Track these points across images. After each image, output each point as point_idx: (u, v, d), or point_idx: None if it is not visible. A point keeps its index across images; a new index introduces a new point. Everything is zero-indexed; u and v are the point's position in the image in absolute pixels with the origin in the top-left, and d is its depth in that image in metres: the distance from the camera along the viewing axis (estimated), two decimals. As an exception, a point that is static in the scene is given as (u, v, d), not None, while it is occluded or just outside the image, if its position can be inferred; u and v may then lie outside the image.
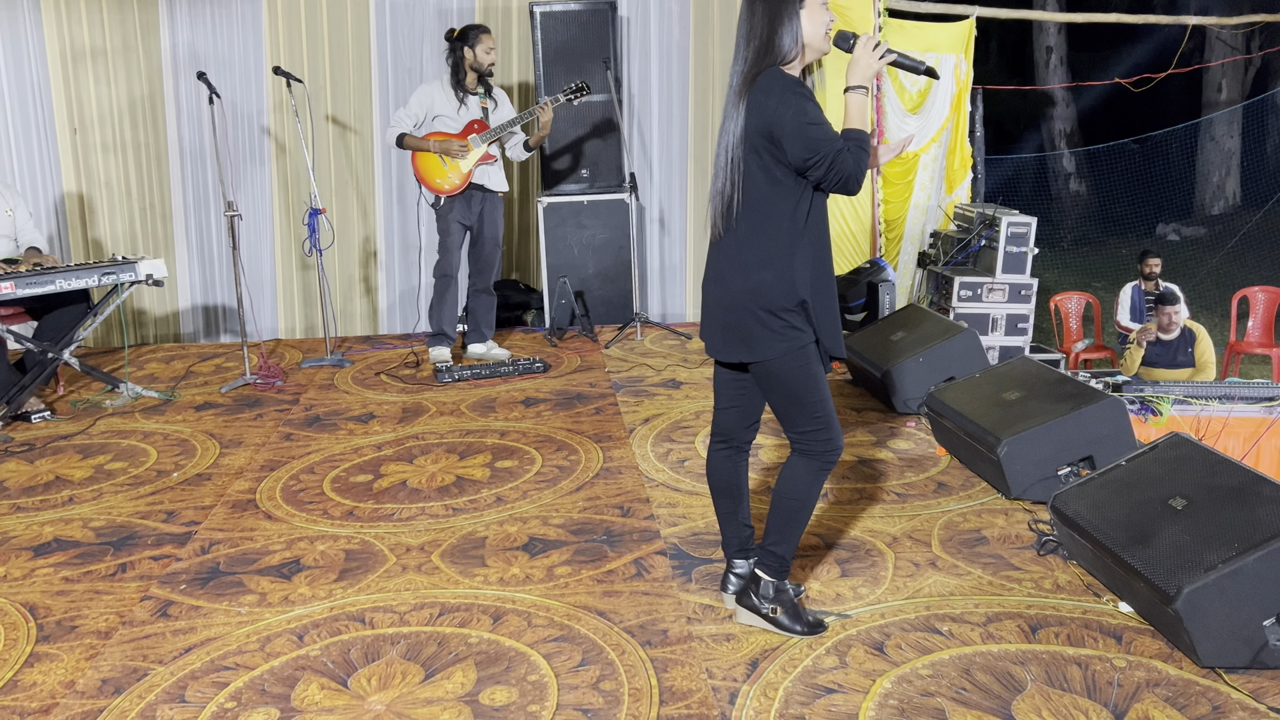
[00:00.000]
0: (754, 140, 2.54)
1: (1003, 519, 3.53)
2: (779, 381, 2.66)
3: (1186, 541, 2.68)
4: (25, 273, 4.81)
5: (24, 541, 3.56)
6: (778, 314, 2.59)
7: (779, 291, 2.58)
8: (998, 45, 17.68)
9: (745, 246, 2.60)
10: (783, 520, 2.73)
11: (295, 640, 2.83)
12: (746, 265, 2.60)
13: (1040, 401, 3.78)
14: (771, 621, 2.78)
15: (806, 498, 2.72)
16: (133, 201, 6.88)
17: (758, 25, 2.55)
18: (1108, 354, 8.18)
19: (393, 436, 4.58)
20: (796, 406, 2.67)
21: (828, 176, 2.51)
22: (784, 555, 2.76)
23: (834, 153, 2.49)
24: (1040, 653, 2.66)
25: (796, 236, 2.59)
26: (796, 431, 2.71)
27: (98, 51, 6.70)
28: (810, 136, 2.48)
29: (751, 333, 2.61)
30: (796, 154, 2.50)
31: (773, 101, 2.50)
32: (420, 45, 6.79)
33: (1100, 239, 13.80)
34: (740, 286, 2.61)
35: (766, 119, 2.51)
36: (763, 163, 2.55)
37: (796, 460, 2.72)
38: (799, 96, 2.50)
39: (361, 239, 7.00)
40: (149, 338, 6.98)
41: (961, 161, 7.45)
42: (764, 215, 2.58)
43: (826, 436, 2.68)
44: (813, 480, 2.71)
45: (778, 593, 2.78)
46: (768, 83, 2.53)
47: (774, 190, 2.56)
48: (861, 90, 2.60)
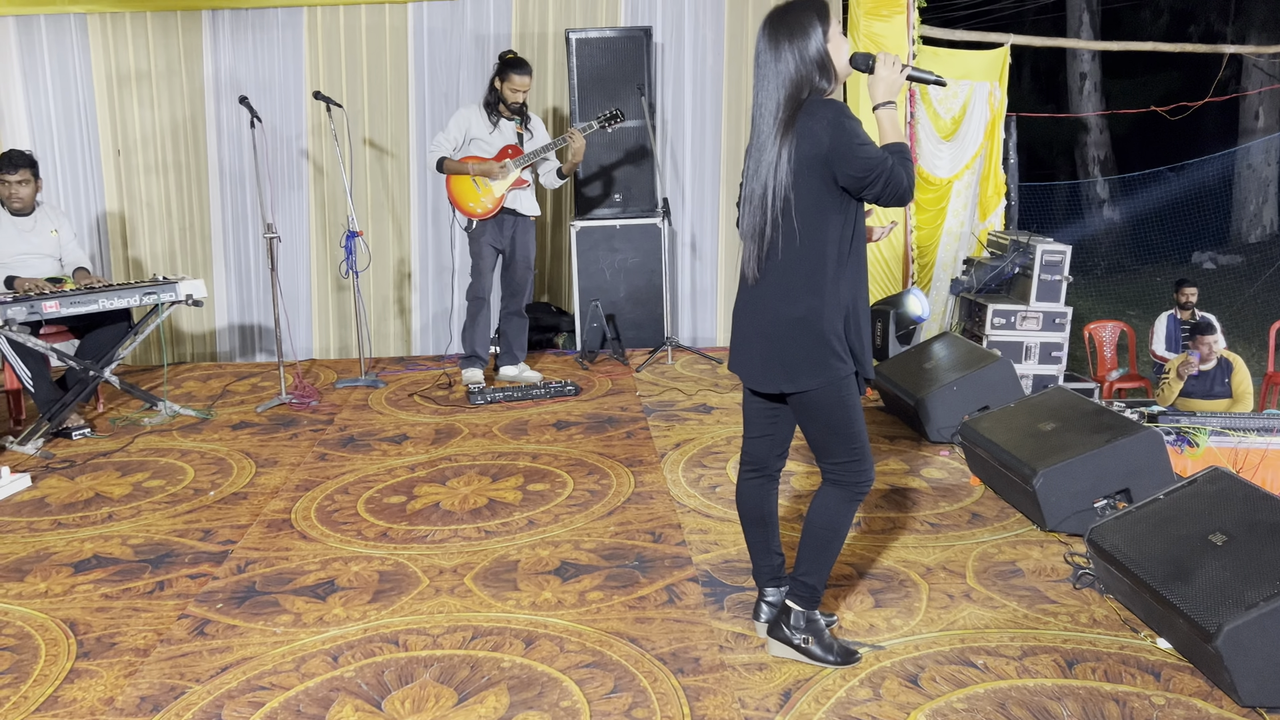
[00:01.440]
0: (803, 169, 2.55)
1: (1038, 551, 3.50)
2: (819, 411, 2.66)
3: (1227, 578, 2.64)
4: (70, 292, 4.91)
5: (65, 557, 3.61)
6: (825, 342, 2.59)
7: (827, 318, 2.59)
8: (1031, 72, 17.64)
9: (792, 274, 2.61)
10: (815, 551, 2.73)
11: (330, 661, 2.85)
12: (794, 292, 2.61)
13: (1076, 433, 3.75)
14: (803, 652, 2.77)
15: (838, 528, 2.72)
16: (173, 222, 7.00)
17: (790, 58, 2.56)
18: (1142, 383, 8.10)
19: (426, 458, 4.62)
20: (834, 437, 2.68)
21: (884, 192, 2.55)
22: (815, 585, 2.75)
23: (887, 169, 2.53)
24: (1077, 688, 2.64)
25: (842, 263, 2.61)
26: (831, 462, 2.71)
27: (142, 75, 6.85)
28: (864, 156, 2.52)
29: (796, 362, 2.62)
30: (853, 175, 2.53)
31: (822, 127, 2.53)
32: (457, 71, 6.88)
33: (1135, 267, 13.69)
34: (787, 314, 2.62)
35: (819, 145, 2.53)
36: (813, 190, 2.56)
37: (829, 490, 2.73)
38: (849, 119, 2.54)
39: (396, 261, 7.08)
40: (187, 356, 7.08)
41: (995, 188, 7.43)
42: (811, 242, 2.59)
43: (860, 468, 2.69)
44: (844, 510, 2.72)
45: (809, 623, 2.77)
46: (816, 110, 2.55)
47: (822, 218, 2.58)
48: (890, 105, 2.66)
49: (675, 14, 6.94)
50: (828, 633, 2.79)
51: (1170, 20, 16.37)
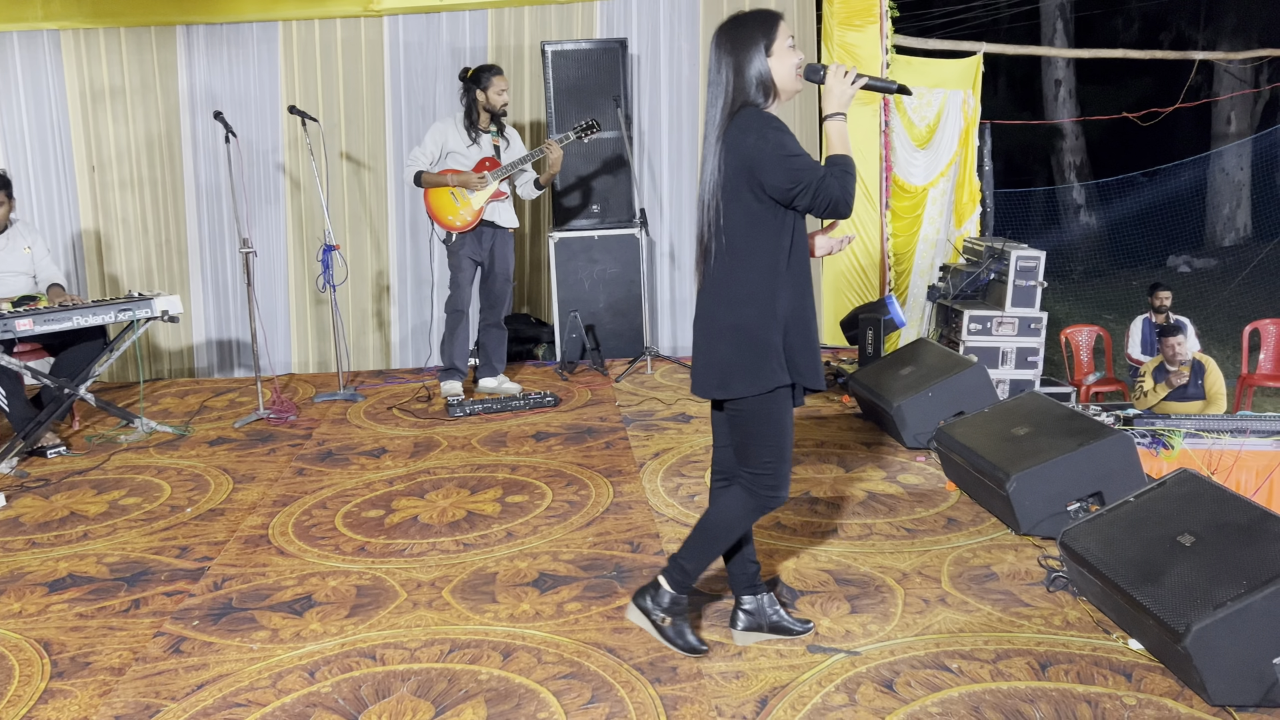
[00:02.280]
0: (734, 180, 2.60)
1: (1012, 555, 3.53)
2: (747, 420, 2.71)
3: (1196, 579, 2.67)
4: (44, 310, 4.88)
5: (39, 577, 3.59)
6: (760, 352, 2.63)
7: (763, 328, 2.63)
8: (1007, 79, 17.78)
9: (729, 284, 2.66)
10: (703, 542, 2.80)
11: (307, 677, 2.84)
12: (730, 301, 2.66)
13: (1049, 437, 3.78)
14: (657, 629, 2.85)
15: (733, 528, 2.79)
16: (149, 238, 6.98)
17: (727, 73, 2.62)
18: (1119, 387, 8.17)
19: (404, 471, 4.61)
20: (757, 448, 2.72)
21: (815, 203, 2.57)
22: (691, 572, 2.83)
23: (817, 180, 2.55)
24: (1050, 690, 2.66)
25: (779, 273, 2.64)
26: (749, 469, 2.76)
27: (116, 91, 6.83)
28: (791, 167, 2.55)
29: (730, 370, 2.66)
30: (779, 185, 2.56)
31: (750, 138, 2.57)
32: (433, 83, 6.89)
33: (1111, 271, 13.81)
34: (723, 322, 2.67)
35: (745, 156, 2.58)
36: (743, 201, 2.61)
37: (738, 493, 2.78)
38: (776, 131, 2.58)
39: (374, 274, 7.07)
40: (164, 373, 7.05)
41: (970, 195, 7.50)
42: (746, 253, 2.63)
43: (773, 483, 2.73)
44: (746, 516, 2.78)
45: (673, 603, 2.84)
46: (744, 122, 2.59)
47: (755, 228, 2.62)
48: (840, 118, 2.68)
49: (650, 26, 6.97)
50: (686, 623, 2.86)
51: (1142, 27, 16.56)
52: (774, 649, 2.91)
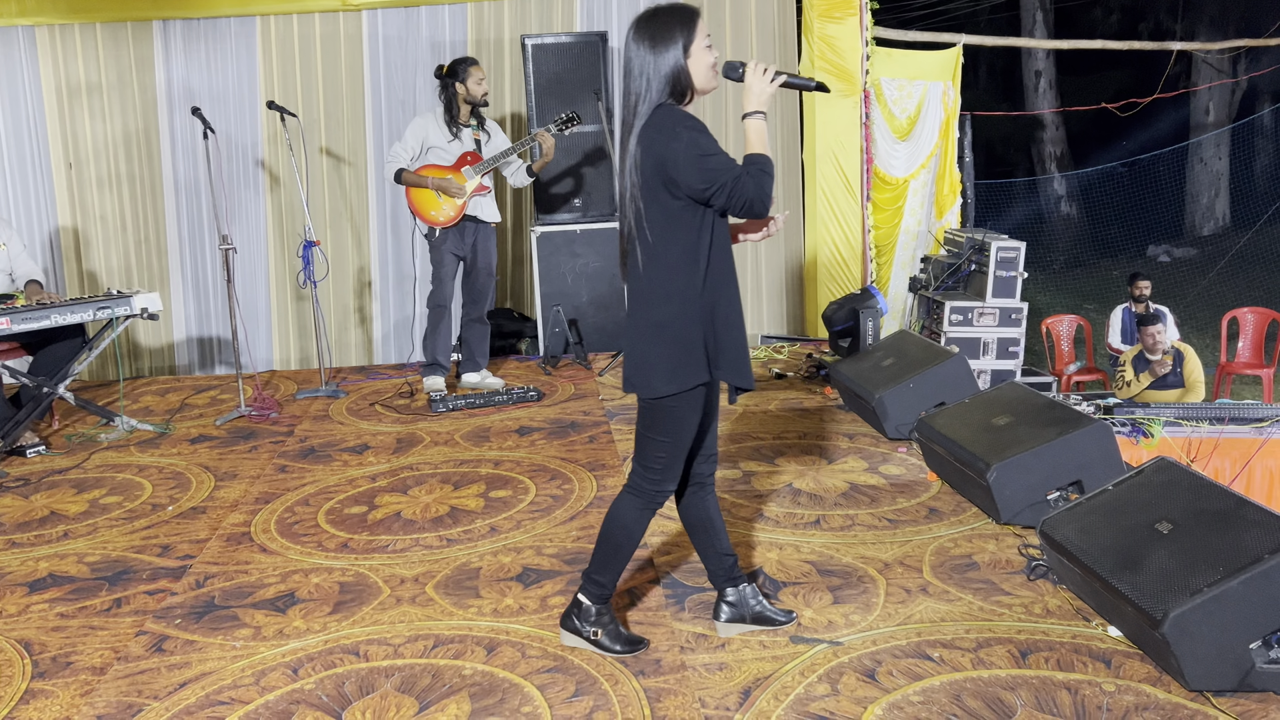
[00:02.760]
0: (650, 178, 2.58)
1: (993, 544, 3.56)
2: (656, 416, 2.71)
3: (1173, 566, 2.70)
4: (21, 308, 4.84)
5: (19, 577, 3.57)
6: (682, 350, 2.64)
7: (684, 325, 2.63)
8: (988, 71, 17.85)
9: (651, 282, 2.64)
10: (608, 552, 2.82)
11: (290, 674, 2.84)
12: (653, 299, 2.65)
13: (1029, 427, 3.81)
14: (593, 643, 2.86)
15: (631, 533, 2.80)
16: (128, 235, 6.93)
17: (645, 70, 2.59)
18: (1100, 376, 8.23)
19: (387, 467, 4.60)
20: (657, 442, 2.72)
21: (731, 202, 2.57)
22: (606, 584, 2.85)
23: (733, 179, 2.54)
24: (1030, 678, 2.68)
25: (699, 271, 2.63)
26: (641, 464, 2.77)
27: (93, 87, 6.77)
28: (706, 167, 2.54)
29: (652, 368, 2.66)
30: (694, 185, 2.55)
31: (664, 138, 2.56)
32: (413, 78, 6.86)
33: (1092, 261, 13.89)
34: (648, 321, 2.66)
35: (660, 156, 2.56)
36: (661, 200, 2.59)
37: (627, 499, 2.80)
38: (691, 131, 2.56)
39: (356, 270, 7.05)
40: (144, 371, 7.01)
41: (951, 187, 7.53)
42: (665, 251, 2.62)
43: (659, 479, 2.75)
44: (639, 519, 2.79)
45: (598, 615, 2.86)
46: (659, 121, 2.58)
47: (673, 226, 2.61)
48: (759, 115, 2.67)
49: (630, 18, 6.92)
50: (617, 624, 2.88)
51: (1121, 18, 16.65)
52: (757, 640, 2.92)
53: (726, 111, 7.08)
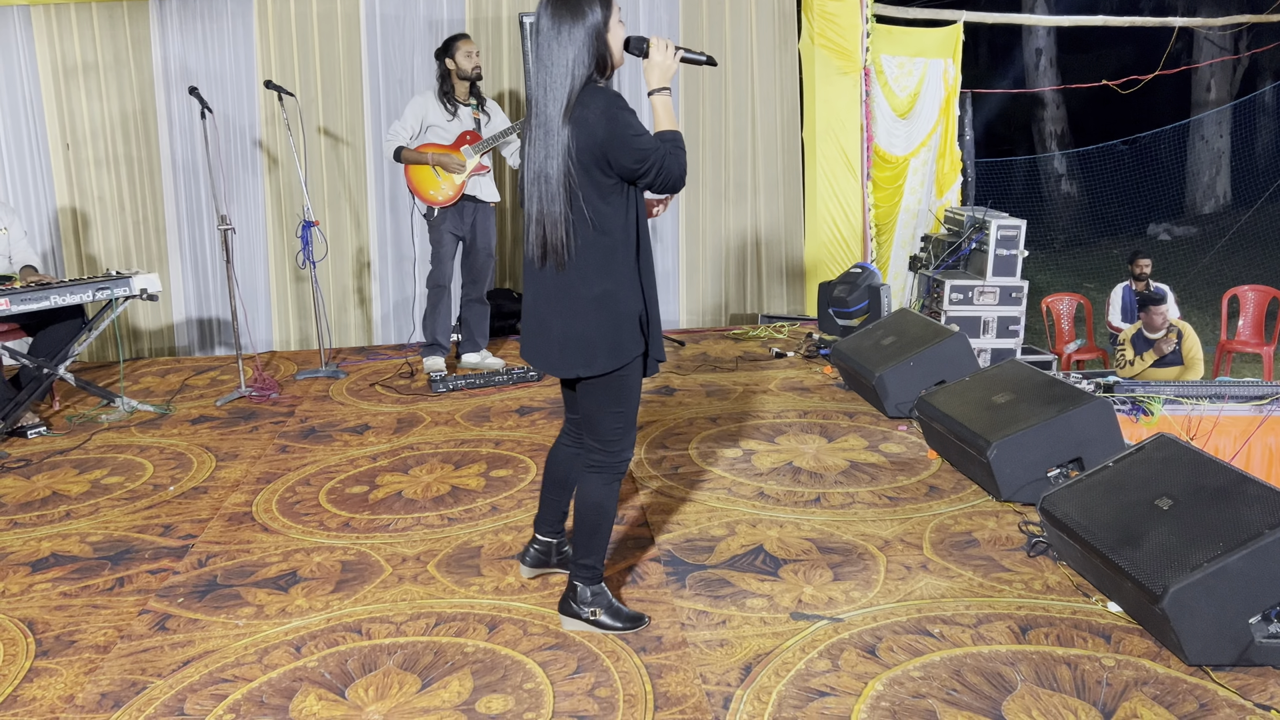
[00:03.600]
0: (583, 158, 2.58)
1: (993, 521, 3.56)
2: (604, 392, 2.74)
3: (1173, 541, 2.71)
4: (20, 289, 4.84)
5: (21, 557, 3.58)
6: (622, 324, 2.67)
7: (623, 299, 2.67)
8: (989, 48, 17.75)
9: (586, 260, 2.64)
10: (587, 534, 2.84)
11: (293, 652, 2.85)
12: (590, 276, 2.65)
13: (1029, 404, 3.81)
14: (594, 624, 2.88)
15: (604, 509, 2.82)
16: (126, 216, 6.91)
17: (570, 48, 2.58)
18: (1100, 354, 8.23)
19: (388, 447, 4.61)
20: (608, 417, 2.76)
21: (657, 180, 2.63)
22: (595, 565, 2.88)
23: (660, 157, 2.60)
24: (1030, 653, 2.69)
25: (630, 246, 2.69)
26: (597, 438, 2.79)
27: (89, 66, 6.73)
28: (637, 147, 2.58)
29: (595, 346, 2.67)
30: (627, 164, 2.59)
31: (596, 117, 2.57)
32: (411, 57, 6.83)
33: (1092, 240, 13.87)
34: (586, 296, 2.65)
35: (594, 136, 2.57)
36: (594, 178, 2.61)
37: (590, 477, 2.82)
38: (622, 111, 2.59)
39: (355, 250, 7.03)
40: (144, 352, 7.00)
41: (951, 165, 7.51)
42: (600, 229, 2.63)
43: (619, 448, 2.79)
44: (608, 492, 2.82)
45: (595, 596, 2.89)
46: (589, 100, 2.59)
47: (606, 203, 2.64)
48: (665, 92, 2.71)
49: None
50: (615, 602, 2.91)
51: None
52: (758, 617, 2.93)
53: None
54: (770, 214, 7.24)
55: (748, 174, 7.18)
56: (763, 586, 3.12)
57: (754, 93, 7.10)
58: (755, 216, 7.24)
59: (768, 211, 7.24)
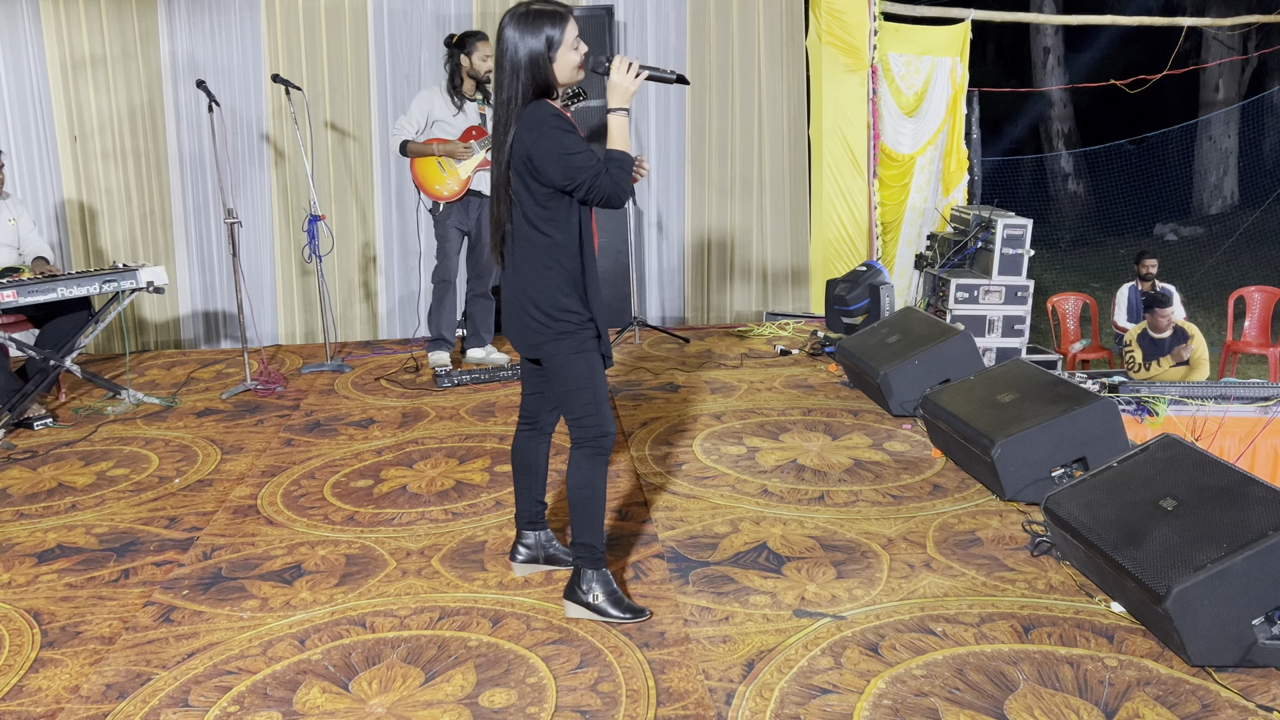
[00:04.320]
0: (519, 168, 2.75)
1: (997, 520, 3.56)
2: (561, 373, 2.86)
3: (1176, 541, 2.71)
4: (27, 281, 4.85)
5: (28, 548, 3.59)
6: (562, 314, 2.80)
7: (562, 292, 2.79)
8: (995, 47, 17.70)
9: (529, 255, 2.80)
10: (581, 513, 2.91)
11: (297, 644, 2.86)
12: (533, 270, 2.81)
13: (1034, 403, 3.81)
14: (595, 610, 2.92)
15: (593, 485, 2.90)
16: (133, 209, 6.92)
17: (522, 65, 2.71)
18: (1105, 354, 8.22)
19: (393, 441, 4.62)
20: (574, 395, 2.86)
21: (590, 197, 2.74)
22: (593, 544, 2.92)
23: (592, 176, 2.70)
24: (1033, 653, 2.69)
25: (574, 244, 2.80)
26: (571, 417, 2.89)
27: (97, 59, 6.74)
28: (568, 165, 2.69)
29: (539, 332, 2.83)
30: (556, 181, 2.72)
31: (530, 134, 2.70)
32: (418, 51, 6.83)
33: (1098, 239, 13.83)
34: (531, 288, 2.81)
35: (527, 149, 2.71)
36: (529, 188, 2.75)
37: (576, 454, 2.90)
38: (557, 130, 2.69)
39: (361, 244, 7.04)
40: (150, 344, 7.02)
41: (958, 164, 7.50)
42: (541, 232, 2.77)
43: (595, 424, 2.86)
44: (594, 468, 2.90)
45: (596, 582, 2.94)
46: (529, 119, 2.72)
47: (546, 210, 2.77)
48: (622, 112, 2.79)
49: (637, -8, 6.92)
50: (618, 590, 2.96)
51: (1132, -7, 16.47)
52: (760, 614, 2.94)
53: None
54: (776, 211, 7.24)
55: (754, 171, 7.18)
56: (766, 584, 3.13)
57: (761, 89, 7.09)
58: (761, 213, 7.24)
59: (773, 208, 7.24)
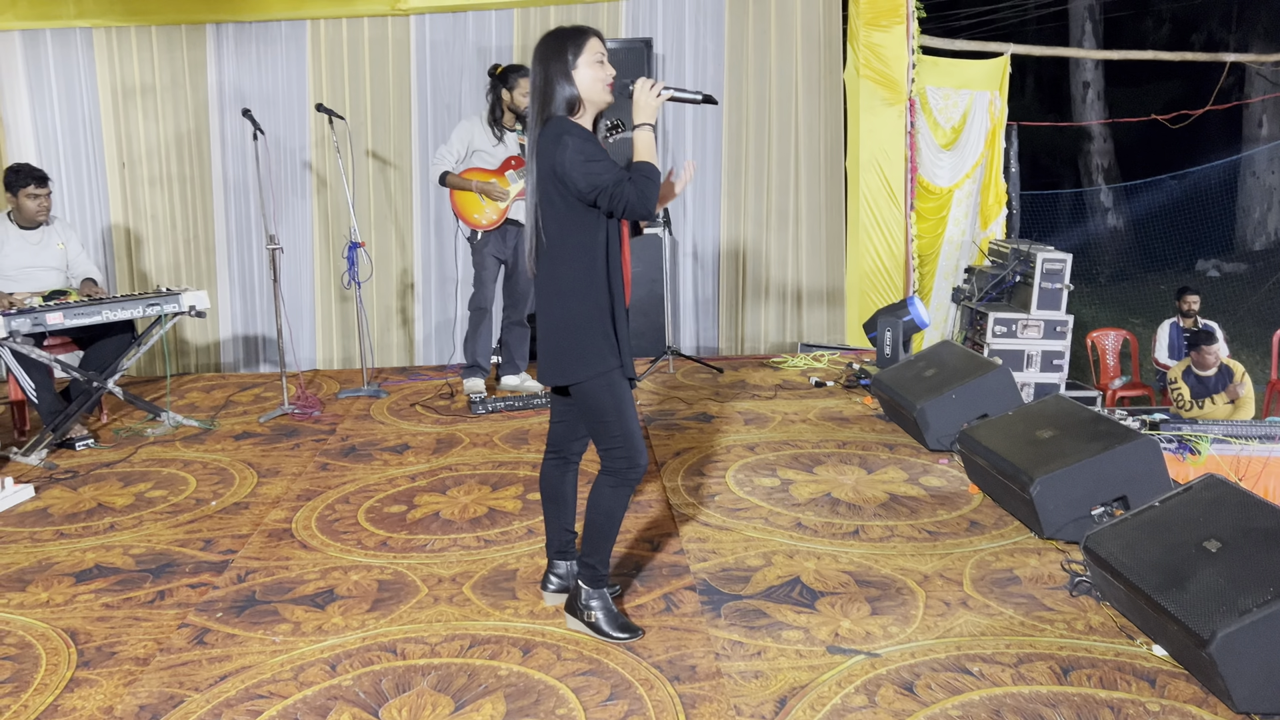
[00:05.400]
0: (544, 183, 2.81)
1: (1035, 559, 3.51)
2: (588, 402, 2.90)
3: (1221, 584, 2.65)
4: (73, 303, 4.94)
5: (66, 567, 3.63)
6: (592, 339, 2.84)
7: (592, 317, 2.84)
8: (1035, 81, 17.65)
9: (554, 279, 2.86)
10: (594, 535, 2.97)
11: (328, 670, 2.86)
12: (560, 294, 2.86)
13: (1074, 440, 3.75)
14: (591, 626, 3.00)
15: (613, 513, 2.95)
16: (177, 234, 7.05)
17: (542, 85, 2.84)
18: (1146, 391, 8.10)
19: (427, 467, 4.63)
20: (602, 425, 2.91)
21: (614, 207, 2.78)
22: (596, 566, 2.99)
23: (614, 184, 2.75)
24: (1072, 695, 2.64)
25: (598, 267, 2.85)
26: (602, 448, 2.94)
27: (147, 88, 6.90)
28: (589, 172, 2.75)
29: (567, 358, 2.87)
30: (580, 188, 2.77)
31: (553, 146, 2.78)
32: (459, 82, 6.92)
33: (1139, 275, 13.67)
34: (556, 315, 2.87)
35: (550, 162, 2.78)
36: (554, 203, 2.82)
37: (602, 479, 2.95)
38: (576, 138, 2.77)
39: (399, 271, 7.11)
40: (190, 367, 7.11)
41: (996, 197, 7.45)
42: (564, 250, 2.84)
43: (625, 454, 2.90)
44: (617, 497, 2.94)
45: (594, 599, 3.01)
46: (549, 131, 2.80)
47: (568, 228, 2.82)
48: (647, 128, 2.88)
49: (676, 25, 6.98)
50: (615, 609, 3.03)
51: (1173, 29, 16.39)
52: (793, 649, 2.90)
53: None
54: (812, 243, 7.23)
55: (790, 202, 7.18)
56: (799, 618, 3.10)
57: (798, 122, 7.11)
58: (797, 245, 7.23)
59: (809, 240, 7.23)
